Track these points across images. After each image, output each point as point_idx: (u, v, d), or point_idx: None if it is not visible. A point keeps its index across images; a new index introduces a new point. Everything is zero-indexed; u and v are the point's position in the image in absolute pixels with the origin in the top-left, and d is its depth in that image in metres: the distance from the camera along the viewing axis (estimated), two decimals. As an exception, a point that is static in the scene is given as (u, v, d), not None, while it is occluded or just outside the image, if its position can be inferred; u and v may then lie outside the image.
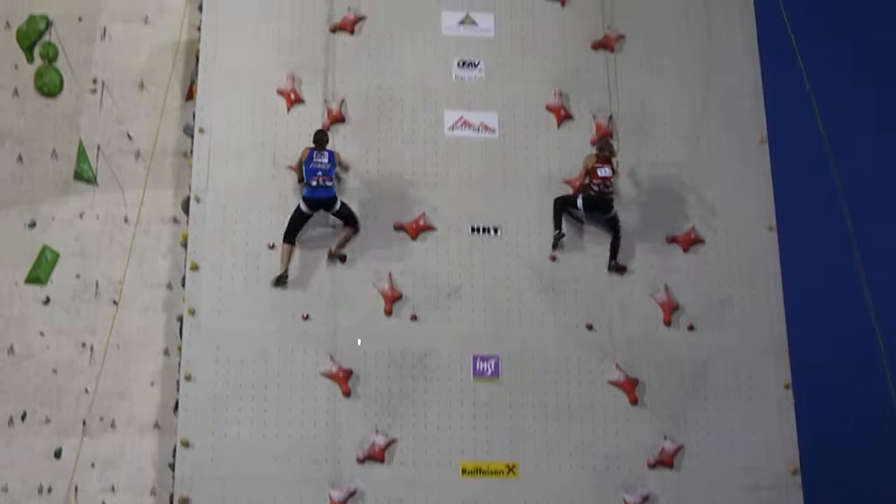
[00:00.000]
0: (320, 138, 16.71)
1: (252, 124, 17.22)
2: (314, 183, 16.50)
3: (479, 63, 17.79)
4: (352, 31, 17.68)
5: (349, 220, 16.79)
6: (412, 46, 17.77)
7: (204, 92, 17.28)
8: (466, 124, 17.54)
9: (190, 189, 17.03)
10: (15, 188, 19.43)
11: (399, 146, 17.37)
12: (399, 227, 17.03)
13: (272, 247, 16.67)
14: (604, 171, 17.03)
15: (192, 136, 17.25)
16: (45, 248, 18.97)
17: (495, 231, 17.20)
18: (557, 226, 17.20)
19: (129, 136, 19.28)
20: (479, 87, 17.71)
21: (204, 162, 17.01)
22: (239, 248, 16.69)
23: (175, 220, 18.45)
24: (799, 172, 19.24)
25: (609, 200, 17.13)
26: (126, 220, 18.83)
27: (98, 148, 19.33)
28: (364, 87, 17.51)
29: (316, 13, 17.63)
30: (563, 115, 17.72)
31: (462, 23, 17.92)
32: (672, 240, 17.53)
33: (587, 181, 17.06)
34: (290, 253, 16.66)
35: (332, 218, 16.76)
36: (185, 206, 17.18)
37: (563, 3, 18.19)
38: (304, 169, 16.58)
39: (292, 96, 17.29)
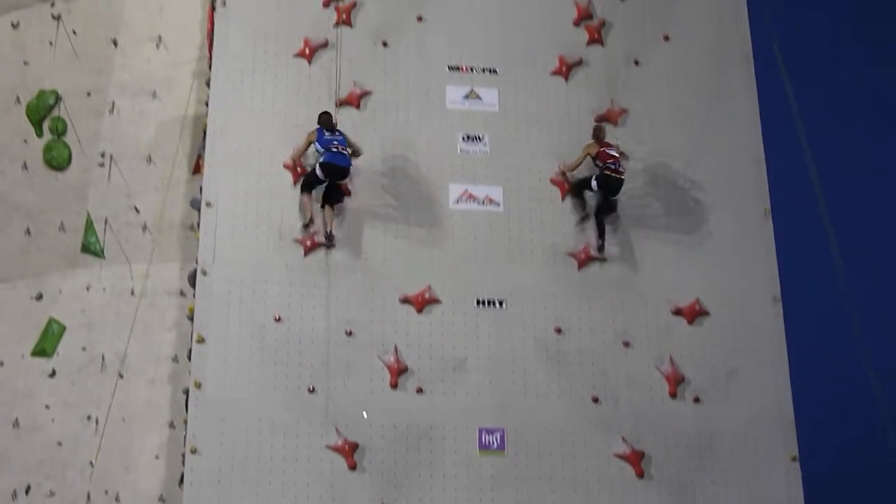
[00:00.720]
0: (325, 119, 17.12)
1: (258, 197, 17.32)
2: (333, 149, 16.85)
3: (483, 137, 17.94)
4: (358, 106, 17.85)
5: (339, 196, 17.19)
6: (417, 120, 17.93)
7: (211, 166, 17.39)
8: (471, 198, 17.65)
9: (197, 262, 17.07)
10: (23, 261, 19.55)
11: (403, 219, 17.46)
12: (405, 300, 17.06)
13: (278, 319, 16.71)
14: (612, 151, 17.49)
15: (200, 210, 17.35)
16: (51, 321, 19.02)
17: (500, 304, 17.23)
18: (582, 208, 17.64)
19: (137, 210, 19.38)
20: (484, 161, 17.85)
21: (211, 235, 17.08)
22: (245, 320, 16.71)
23: (181, 293, 18.48)
24: (804, 243, 19.31)
25: (621, 180, 17.44)
26: (132, 292, 18.87)
27: (105, 221, 19.44)
28: (369, 160, 17.61)
29: (322, 88, 17.78)
30: (567, 189, 17.82)
31: (467, 97, 18.09)
32: (677, 312, 17.55)
33: (599, 164, 17.42)
34: (310, 201, 17.08)
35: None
36: (192, 280, 17.22)
37: (566, 78, 18.37)
38: (319, 142, 16.93)
39: (298, 170, 17.40)
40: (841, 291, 17.49)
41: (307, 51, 17.89)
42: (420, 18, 18.30)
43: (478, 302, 17.21)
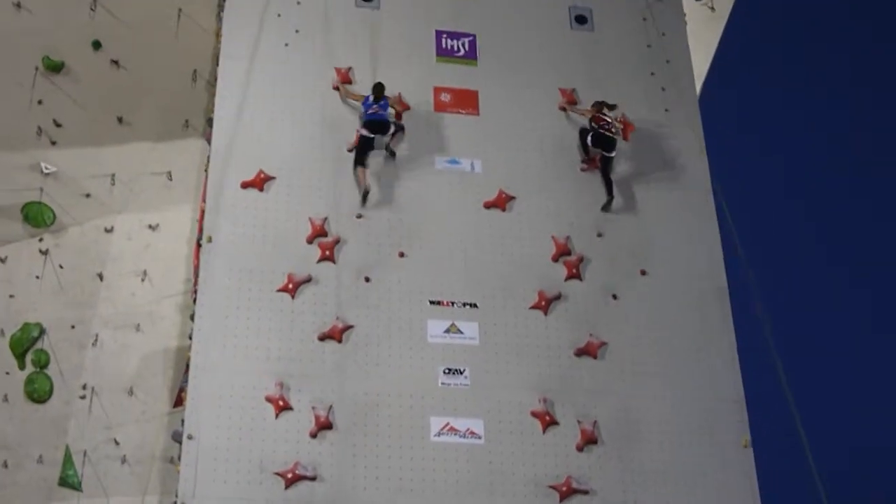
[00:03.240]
0: (377, 90, 19.14)
1: (240, 430, 17.27)
2: (370, 111, 18.94)
3: (464, 370, 18.09)
4: (340, 340, 18.03)
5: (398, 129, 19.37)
6: (399, 354, 18.09)
7: (194, 399, 17.38)
8: (452, 430, 17.69)
9: (176, 495, 16.88)
10: (-2, 495, 19.38)
11: (386, 452, 17.43)
12: (386, 534, 16.92)
13: (259, 553, 16.51)
14: (607, 116, 19.55)
15: (181, 443, 17.29)
16: (23, 559, 18.74)
17: (482, 537, 17.11)
18: (585, 151, 19.88)
19: (116, 442, 19.38)
20: (465, 394, 17.93)
21: (192, 468, 16.95)
22: (226, 555, 16.52)
23: (160, 528, 18.31)
24: (783, 474, 19.35)
25: (613, 140, 19.47)
26: (109, 527, 18.68)
27: (84, 453, 19.42)
28: (351, 394, 17.70)
29: (306, 322, 17.99)
30: (548, 421, 17.89)
31: (448, 331, 18.32)
32: (659, 545, 17.44)
33: (594, 126, 19.55)
34: (364, 173, 18.89)
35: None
36: (172, 513, 17.08)
37: (545, 312, 18.68)
38: (364, 105, 19.16)
39: (280, 403, 17.43)
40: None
41: (290, 286, 18.20)
42: (402, 254, 18.71)
43: (460, 535, 17.09)
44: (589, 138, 19.60)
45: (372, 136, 18.94)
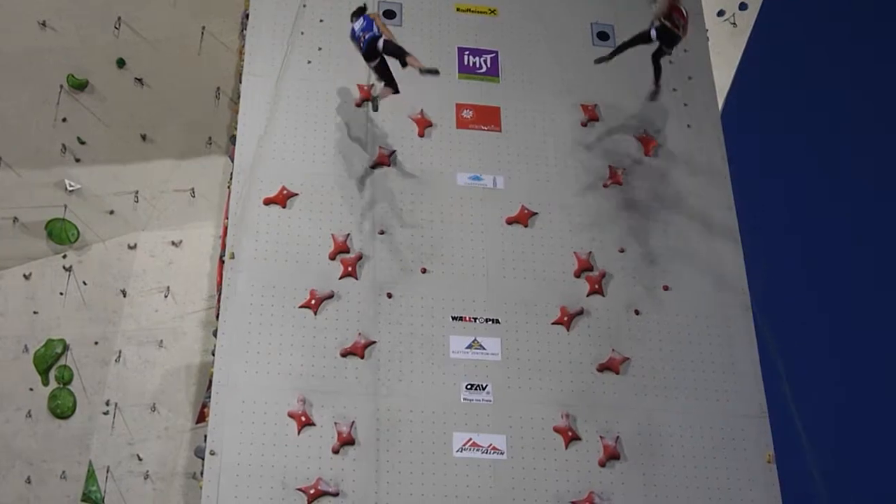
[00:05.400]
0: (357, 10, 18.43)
1: (263, 446, 17.30)
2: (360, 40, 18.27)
3: (486, 386, 18.09)
4: (362, 356, 18.05)
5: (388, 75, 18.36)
6: (421, 370, 18.09)
7: (217, 415, 17.43)
8: (475, 446, 17.68)
9: (199, 512, 16.97)
10: (21, 510, 19.46)
11: (408, 468, 17.43)
12: (408, 549, 16.91)
13: (279, 570, 16.52)
14: (685, 13, 18.27)
15: (203, 459, 17.33)
16: (45, 574, 18.79)
17: (504, 553, 17.08)
18: (612, 55, 19.07)
19: (139, 458, 19.44)
20: (488, 410, 17.93)
21: (214, 484, 16.98)
22: (247, 571, 16.52)
23: (182, 544, 18.34)
24: (807, 490, 19.27)
25: (678, 36, 18.35)
26: (132, 543, 18.73)
27: (107, 469, 19.49)
28: (373, 410, 17.73)
29: (328, 339, 18.03)
30: (570, 437, 17.86)
31: (470, 347, 18.34)
32: (683, 563, 17.37)
33: (670, 14, 18.18)
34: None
35: None
36: (194, 530, 17.10)
37: (567, 328, 18.67)
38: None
39: (303, 419, 17.46)
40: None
41: (313, 302, 18.24)
42: (424, 270, 18.74)
43: (482, 551, 17.06)
44: (653, 31, 18.64)
45: (373, 59, 18.39)
